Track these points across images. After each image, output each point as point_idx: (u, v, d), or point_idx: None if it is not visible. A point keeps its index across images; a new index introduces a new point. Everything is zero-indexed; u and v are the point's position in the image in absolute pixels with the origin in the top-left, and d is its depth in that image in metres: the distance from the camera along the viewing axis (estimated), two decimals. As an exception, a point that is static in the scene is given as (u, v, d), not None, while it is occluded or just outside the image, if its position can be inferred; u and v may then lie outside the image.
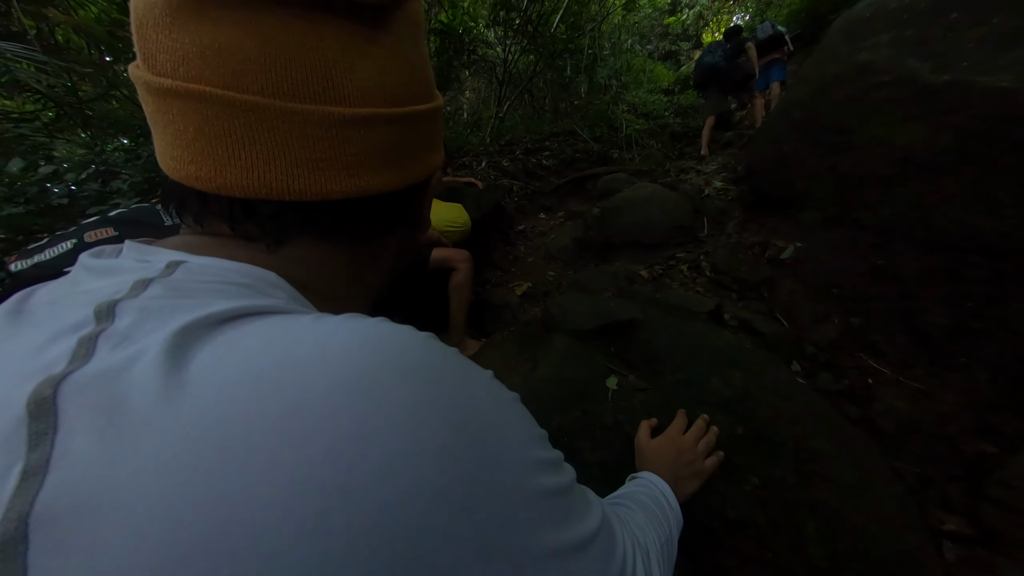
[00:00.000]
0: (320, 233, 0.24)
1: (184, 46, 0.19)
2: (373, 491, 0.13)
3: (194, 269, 0.20)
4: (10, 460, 0.12)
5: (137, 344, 0.15)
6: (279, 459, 0.12)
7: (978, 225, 0.96)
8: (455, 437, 0.15)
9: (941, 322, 1.03)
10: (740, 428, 0.66)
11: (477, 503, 0.15)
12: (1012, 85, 0.85)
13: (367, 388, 0.14)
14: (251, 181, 0.21)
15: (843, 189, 1.29)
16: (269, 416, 0.13)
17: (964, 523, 0.75)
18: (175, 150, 0.21)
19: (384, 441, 0.14)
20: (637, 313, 1.03)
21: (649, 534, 0.36)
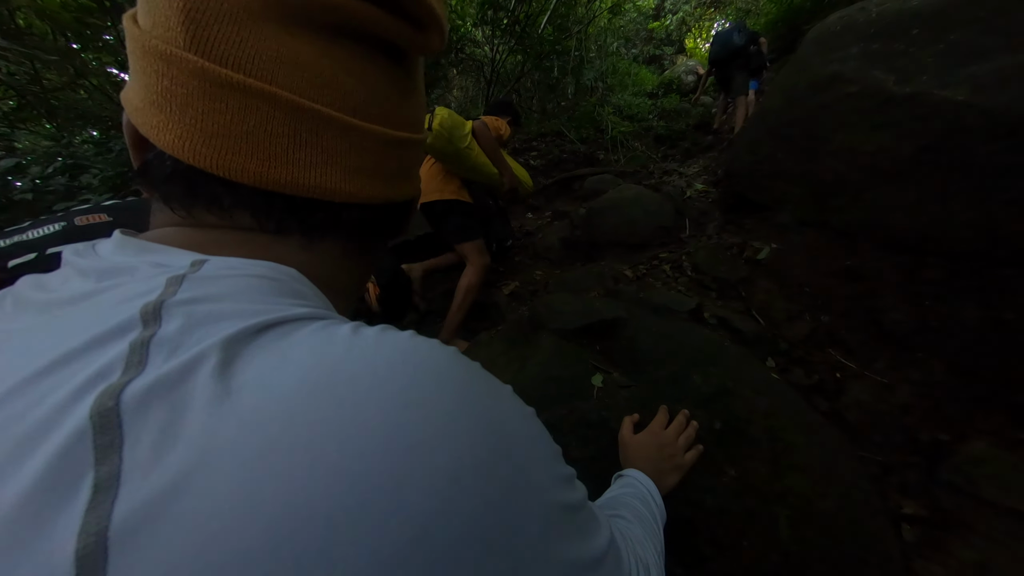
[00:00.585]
0: (349, 233, 0.27)
1: (258, 45, 0.20)
2: (422, 503, 0.13)
3: (221, 266, 0.20)
4: (77, 473, 0.12)
5: (190, 352, 0.15)
6: (339, 468, 0.13)
7: (934, 229, 1.03)
8: (493, 454, 0.16)
9: (902, 319, 1.09)
10: (718, 423, 0.69)
11: (511, 515, 0.16)
12: (966, 99, 0.92)
13: (414, 404, 0.15)
14: (307, 180, 0.22)
15: (815, 193, 1.35)
16: (328, 426, 0.13)
17: (920, 506, 0.80)
18: (213, 139, 0.20)
19: (431, 457, 0.14)
20: (621, 312, 1.05)
21: (648, 548, 0.37)
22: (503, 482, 0.16)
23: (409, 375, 0.16)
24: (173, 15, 0.19)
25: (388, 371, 0.16)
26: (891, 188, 1.12)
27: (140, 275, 0.19)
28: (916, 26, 1.09)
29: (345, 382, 0.15)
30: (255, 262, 0.21)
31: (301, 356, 0.16)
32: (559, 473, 0.21)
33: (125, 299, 0.17)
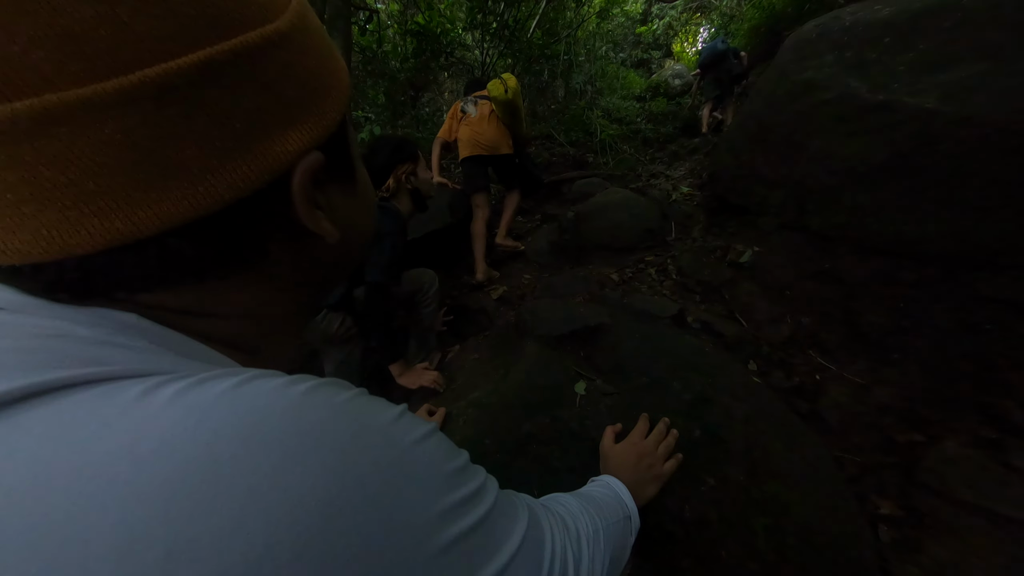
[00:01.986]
0: (120, 285, 0.17)
1: None
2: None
3: (2, 322, 0.15)
4: None
5: None
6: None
7: (907, 233, 1.06)
8: (333, 521, 0.14)
9: (878, 321, 1.12)
10: (698, 430, 0.69)
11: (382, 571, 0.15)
12: (935, 107, 0.95)
13: (182, 496, 0.12)
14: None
15: (795, 197, 1.38)
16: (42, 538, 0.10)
17: (897, 507, 0.81)
18: None
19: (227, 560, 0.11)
20: (605, 318, 1.05)
21: (583, 519, 0.37)
22: (357, 548, 0.14)
23: (182, 456, 0.12)
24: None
25: (149, 456, 0.12)
26: (866, 193, 1.14)
27: None
28: (888, 35, 1.12)
29: (57, 491, 0.11)
30: (60, 313, 0.16)
31: (14, 453, 0.11)
32: (451, 503, 0.18)
33: None
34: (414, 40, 4.45)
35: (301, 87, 0.18)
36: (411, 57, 4.46)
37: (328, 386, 0.17)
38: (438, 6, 4.69)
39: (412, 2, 4.64)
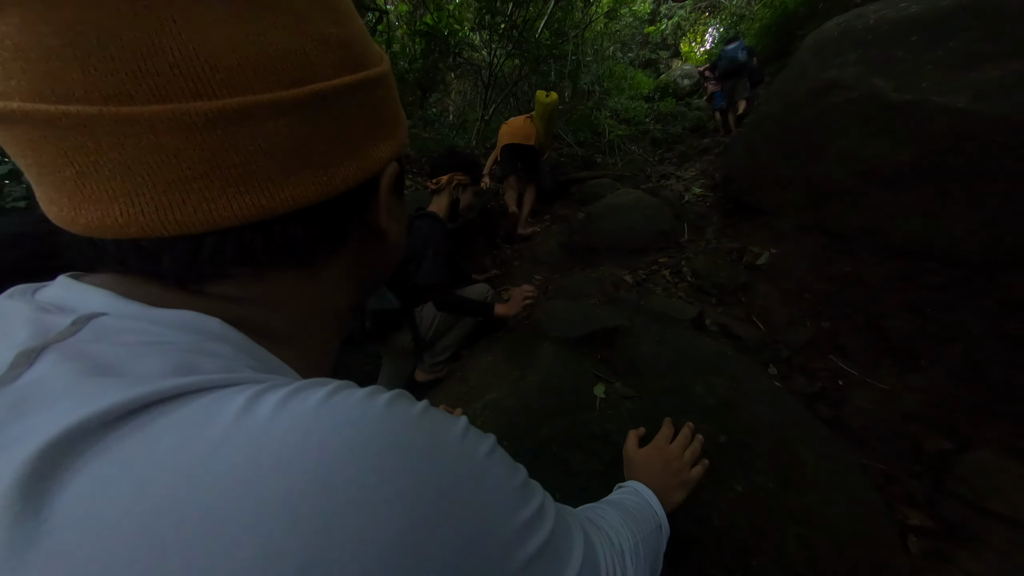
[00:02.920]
0: (235, 262, 0.19)
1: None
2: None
3: (110, 327, 0.16)
4: None
5: (13, 449, 0.12)
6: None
7: (934, 235, 1.03)
8: (427, 536, 0.14)
9: (903, 326, 1.09)
10: (723, 436, 0.68)
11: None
12: (966, 106, 0.92)
13: (299, 511, 0.12)
14: (114, 217, 0.16)
15: (814, 199, 1.35)
16: (173, 548, 0.11)
17: (926, 517, 0.79)
18: (37, 187, 0.17)
19: None
20: (623, 320, 1.04)
21: (624, 533, 0.37)
22: (441, 561, 0.15)
23: (292, 473, 0.13)
24: None
25: (261, 475, 0.12)
26: (890, 194, 1.12)
27: (8, 327, 0.16)
28: (915, 33, 1.10)
29: (189, 505, 0.12)
30: (158, 318, 0.18)
31: (142, 466, 0.12)
32: (524, 519, 0.19)
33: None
34: (423, 41, 4.47)
35: (388, 112, 0.24)
36: (419, 58, 4.48)
37: (399, 399, 0.17)
38: (447, 7, 4.70)
39: (421, 3, 4.66)
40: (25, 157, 0.16)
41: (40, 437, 0.12)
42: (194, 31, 0.15)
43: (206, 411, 0.14)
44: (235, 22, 0.16)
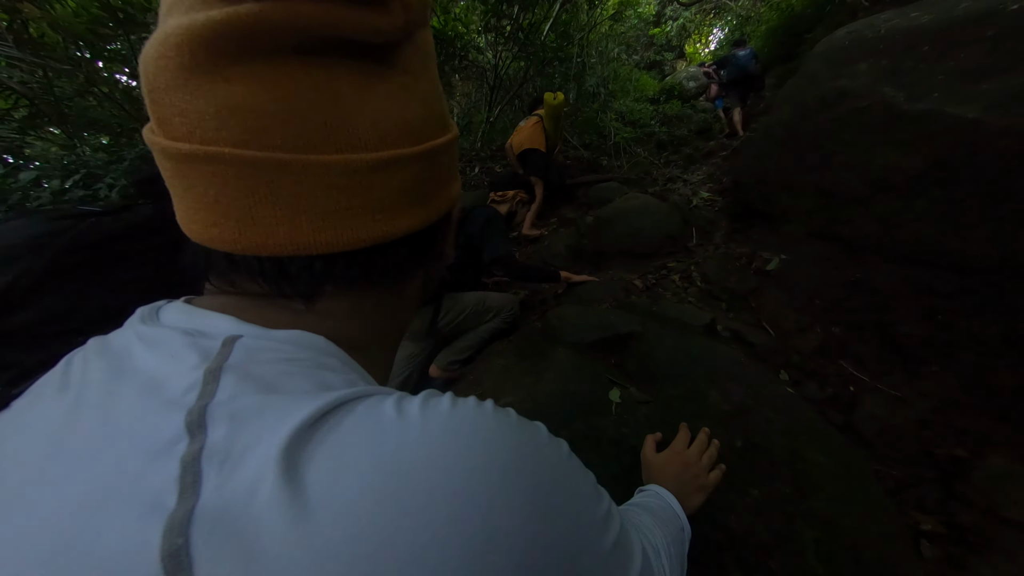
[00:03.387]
0: (350, 282, 0.24)
1: (199, 108, 0.18)
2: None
3: (252, 347, 0.20)
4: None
5: (244, 464, 0.15)
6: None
7: (946, 243, 1.04)
8: (548, 525, 0.18)
9: (914, 332, 1.10)
10: (739, 441, 0.70)
11: (571, 555, 0.19)
12: (979, 116, 0.93)
13: (475, 498, 0.16)
14: (277, 238, 0.20)
15: (825, 205, 1.36)
16: (395, 538, 0.14)
17: (939, 523, 0.80)
18: (196, 213, 0.20)
19: (497, 555, 0.16)
20: (636, 326, 1.06)
21: (657, 534, 0.39)
22: (560, 551, 0.18)
23: (461, 467, 0.16)
24: (146, 98, 0.19)
25: (443, 467, 0.16)
26: (901, 202, 1.13)
27: (173, 349, 0.20)
28: (925, 43, 1.11)
29: (403, 481, 0.15)
30: (281, 335, 0.21)
31: (356, 457, 0.15)
32: (603, 513, 0.23)
33: (154, 390, 0.17)
34: (429, 44, 4.51)
35: (456, 159, 0.29)
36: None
37: (498, 407, 0.21)
38: (453, 10, 4.75)
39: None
40: (207, 189, 0.20)
41: (275, 438, 0.15)
42: (363, 105, 0.21)
43: (369, 417, 0.17)
44: (387, 100, 0.22)
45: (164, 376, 0.18)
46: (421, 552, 0.14)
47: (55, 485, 0.15)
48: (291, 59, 0.19)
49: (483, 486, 0.16)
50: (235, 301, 0.23)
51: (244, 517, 0.14)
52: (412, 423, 0.17)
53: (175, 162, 0.20)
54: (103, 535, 0.14)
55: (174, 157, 0.19)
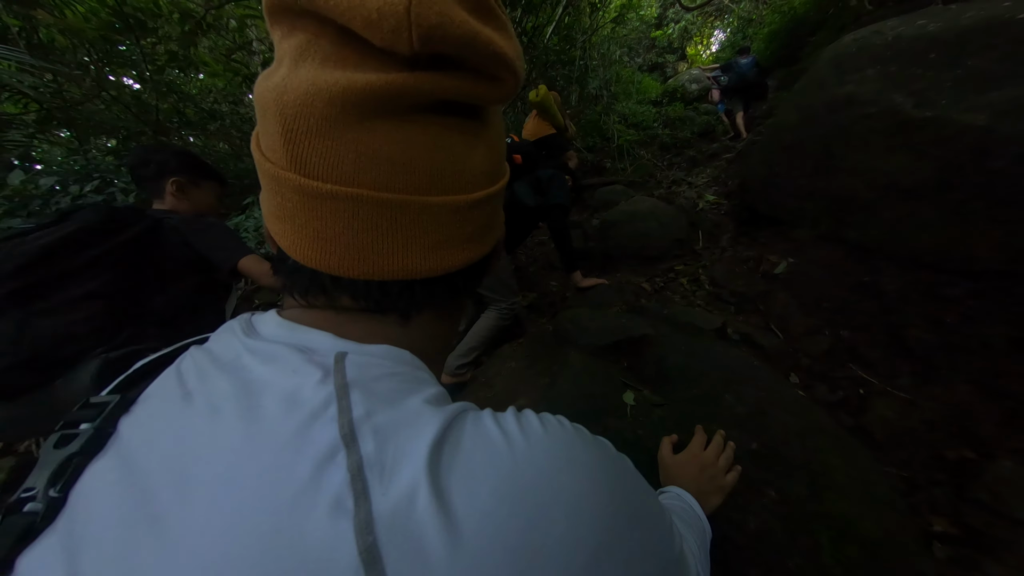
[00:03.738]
0: (440, 301, 0.27)
1: (340, 153, 0.20)
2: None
3: (359, 363, 0.22)
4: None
5: (399, 476, 0.17)
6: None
7: (953, 247, 1.05)
8: (644, 548, 0.22)
9: (923, 336, 1.11)
10: (755, 443, 0.71)
11: (649, 554, 0.22)
12: (987, 124, 0.95)
13: (582, 513, 0.19)
14: (390, 266, 0.23)
15: (831, 209, 1.38)
16: (528, 545, 0.17)
17: (950, 524, 0.81)
18: (316, 243, 0.23)
19: (606, 553, 0.19)
20: (648, 329, 1.08)
21: (687, 535, 0.41)
22: (639, 541, 0.22)
23: (568, 489, 0.19)
24: (277, 138, 0.21)
25: (555, 487, 0.19)
26: (909, 207, 1.14)
27: (293, 365, 0.22)
28: (933, 51, 1.12)
29: (529, 500, 0.18)
30: (379, 350, 0.24)
31: (484, 474, 0.18)
32: (666, 526, 0.26)
33: (299, 406, 0.19)
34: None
35: (502, 203, 0.32)
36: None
37: (572, 424, 0.24)
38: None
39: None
40: (334, 223, 0.22)
41: (417, 455, 0.18)
42: (468, 155, 0.24)
43: (479, 436, 0.20)
44: (482, 150, 0.26)
45: (296, 390, 0.20)
46: (547, 555, 0.17)
47: (234, 484, 0.17)
48: (421, 117, 0.22)
49: (587, 502, 0.19)
50: (326, 316, 0.25)
51: (411, 522, 0.16)
52: (518, 444, 0.20)
53: (307, 198, 0.22)
54: (306, 530, 0.16)
55: (308, 194, 0.21)
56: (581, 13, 5.34)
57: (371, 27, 0.18)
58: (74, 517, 0.19)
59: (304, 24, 0.21)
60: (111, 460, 0.21)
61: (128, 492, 0.18)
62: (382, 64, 0.20)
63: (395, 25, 0.18)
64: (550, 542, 0.17)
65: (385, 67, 0.20)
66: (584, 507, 0.19)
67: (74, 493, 0.20)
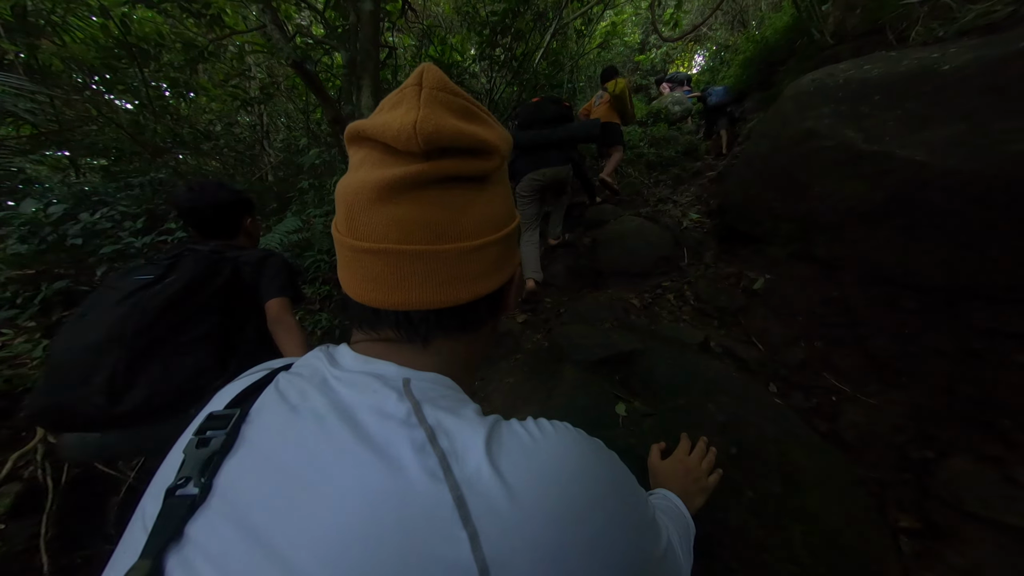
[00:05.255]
0: (452, 329, 0.34)
1: (376, 220, 0.30)
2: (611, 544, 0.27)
3: (422, 388, 0.30)
4: (453, 530, 0.22)
5: (467, 460, 0.25)
6: (577, 525, 0.25)
7: (907, 266, 1.17)
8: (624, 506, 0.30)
9: (886, 346, 1.22)
10: (734, 448, 0.79)
11: (639, 535, 0.30)
12: (924, 159, 1.08)
13: (595, 492, 0.27)
14: (411, 298, 0.31)
15: (802, 230, 1.50)
16: (562, 507, 0.25)
17: (914, 520, 0.89)
18: (364, 283, 0.31)
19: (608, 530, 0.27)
20: (637, 344, 1.16)
21: (672, 530, 0.48)
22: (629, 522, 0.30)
23: (577, 468, 0.28)
24: (343, 217, 0.31)
25: (569, 468, 0.27)
26: (867, 229, 1.27)
27: (373, 388, 0.29)
28: (877, 93, 1.28)
29: (559, 480, 0.26)
30: (425, 376, 0.32)
31: (527, 460, 0.26)
32: (643, 501, 0.33)
33: (383, 414, 0.27)
34: (428, 72, 4.74)
35: (517, 237, 0.39)
36: (424, 88, 4.74)
37: (570, 426, 0.31)
38: (450, 40, 5.02)
39: (426, 37, 4.96)
40: (372, 268, 0.30)
41: (475, 446, 0.26)
42: (468, 211, 0.32)
43: (515, 435, 0.28)
44: (481, 205, 0.33)
45: (381, 405, 0.28)
46: (575, 515, 0.25)
47: (355, 464, 0.25)
48: (430, 188, 0.30)
49: (595, 481, 0.28)
50: (383, 348, 0.33)
51: (481, 485, 0.24)
52: (539, 439, 0.28)
53: (356, 253, 0.31)
54: (416, 488, 0.24)
55: (357, 250, 0.31)
56: (568, 39, 5.64)
57: (395, 139, 0.28)
58: (226, 496, 0.26)
59: (361, 143, 0.32)
60: (246, 456, 0.28)
61: (271, 475, 0.26)
62: (405, 161, 0.29)
63: (408, 136, 0.28)
64: (577, 507, 0.25)
65: (406, 162, 0.29)
66: (592, 474, 0.28)
67: (219, 480, 0.27)
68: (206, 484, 0.27)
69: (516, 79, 5.11)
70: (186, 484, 0.27)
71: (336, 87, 3.79)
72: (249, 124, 4.22)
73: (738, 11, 7.73)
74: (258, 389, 0.34)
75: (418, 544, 0.22)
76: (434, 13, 5.76)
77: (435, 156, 0.29)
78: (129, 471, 1.18)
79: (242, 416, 0.31)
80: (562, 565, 0.24)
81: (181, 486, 0.27)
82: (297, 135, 4.35)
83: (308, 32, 3.39)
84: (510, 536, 0.23)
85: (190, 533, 0.25)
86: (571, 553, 0.24)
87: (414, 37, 5.20)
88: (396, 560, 0.22)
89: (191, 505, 0.26)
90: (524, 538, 0.23)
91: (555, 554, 0.24)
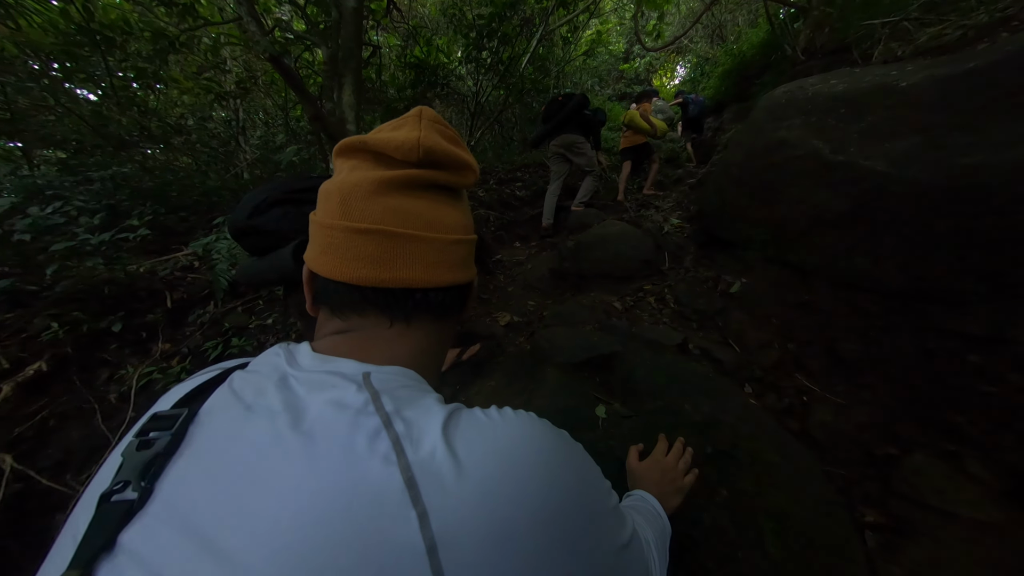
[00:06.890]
0: (432, 309, 0.37)
1: (374, 207, 0.34)
2: (564, 523, 0.26)
3: (381, 379, 0.30)
4: (402, 511, 0.22)
5: (423, 443, 0.25)
6: (527, 500, 0.25)
7: (871, 270, 1.23)
8: (583, 492, 0.29)
9: (852, 347, 1.27)
10: (710, 448, 0.80)
11: (596, 518, 0.29)
12: (884, 170, 1.14)
13: (549, 470, 0.27)
14: (402, 275, 0.34)
15: (775, 235, 1.56)
16: (512, 482, 0.25)
17: (879, 514, 0.93)
18: (356, 262, 0.33)
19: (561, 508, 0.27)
20: (617, 346, 1.17)
21: (647, 530, 0.49)
22: (588, 506, 0.29)
23: (537, 449, 0.28)
24: (335, 205, 0.34)
25: (526, 450, 0.27)
26: (835, 234, 1.33)
27: (332, 383, 0.29)
28: (842, 107, 1.34)
29: (510, 457, 0.26)
30: (390, 371, 0.32)
31: (482, 441, 0.26)
32: (607, 486, 0.33)
33: (343, 406, 0.27)
34: (412, 72, 4.70)
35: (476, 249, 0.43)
36: (408, 87, 4.70)
37: (530, 413, 0.31)
38: (436, 41, 5.00)
39: (411, 37, 4.93)
40: (368, 248, 0.33)
41: (432, 430, 0.26)
42: (449, 212, 0.37)
43: (473, 419, 0.28)
44: (456, 211, 0.39)
45: (340, 397, 0.28)
46: (527, 491, 0.25)
47: (306, 460, 0.24)
48: (420, 189, 0.36)
49: (550, 460, 0.28)
50: (347, 345, 0.34)
51: (433, 464, 0.24)
52: (497, 421, 0.29)
53: (351, 234, 0.34)
54: (369, 474, 0.23)
55: (352, 231, 0.33)
56: (554, 45, 5.72)
57: (397, 150, 0.34)
58: (169, 500, 0.25)
59: (355, 154, 0.36)
60: (193, 457, 0.27)
61: (220, 475, 0.25)
62: (401, 166, 0.35)
63: (411, 147, 0.34)
64: (529, 483, 0.25)
65: (402, 167, 0.35)
66: (549, 457, 0.28)
67: (163, 483, 0.26)
68: (147, 488, 0.25)
69: (502, 83, 5.14)
70: (123, 489, 0.26)
71: (317, 84, 3.69)
72: (224, 119, 4.06)
73: (717, 25, 8.05)
74: (208, 389, 0.33)
75: (367, 529, 0.22)
76: (420, 14, 5.73)
77: (426, 165, 0.35)
78: (78, 486, 1.10)
79: (190, 416, 0.29)
80: (512, 543, 0.23)
81: (117, 491, 0.26)
82: (275, 132, 4.21)
83: (288, 27, 3.30)
84: (458, 511, 0.23)
85: (124, 541, 0.24)
86: (521, 530, 0.24)
87: (399, 37, 5.15)
88: (344, 548, 0.21)
89: (128, 511, 0.24)
90: (472, 514, 0.23)
91: (504, 531, 0.23)
